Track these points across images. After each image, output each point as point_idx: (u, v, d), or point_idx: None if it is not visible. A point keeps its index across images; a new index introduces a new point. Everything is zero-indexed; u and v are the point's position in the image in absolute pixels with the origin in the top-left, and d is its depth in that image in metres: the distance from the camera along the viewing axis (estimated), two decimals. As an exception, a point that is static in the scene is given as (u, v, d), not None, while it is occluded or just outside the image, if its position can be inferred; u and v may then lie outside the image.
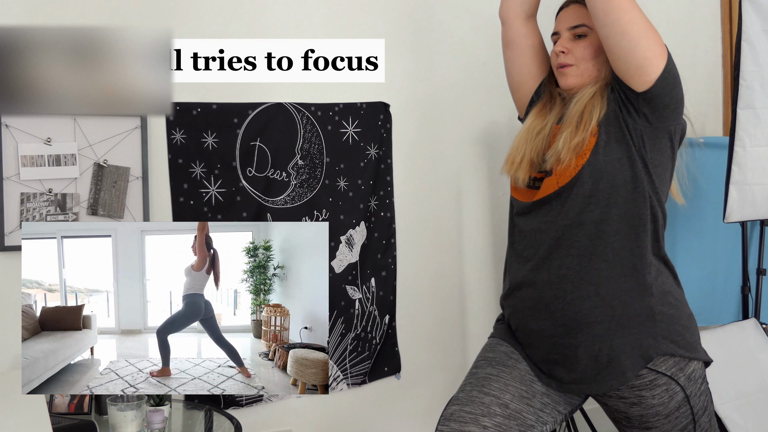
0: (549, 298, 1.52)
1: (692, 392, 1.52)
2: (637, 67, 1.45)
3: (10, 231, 1.89)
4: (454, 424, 1.48)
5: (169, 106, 1.24)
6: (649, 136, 1.49)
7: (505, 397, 1.51)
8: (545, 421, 1.54)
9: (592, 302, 1.48)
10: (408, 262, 2.44)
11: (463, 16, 2.48)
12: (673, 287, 1.54)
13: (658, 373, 1.48)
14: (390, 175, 2.38)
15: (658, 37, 1.47)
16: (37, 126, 1.90)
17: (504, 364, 1.58)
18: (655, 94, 1.46)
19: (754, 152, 2.30)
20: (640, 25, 1.44)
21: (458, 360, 2.54)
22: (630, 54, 1.45)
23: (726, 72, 2.93)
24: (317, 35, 2.24)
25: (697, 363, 1.54)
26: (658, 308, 1.48)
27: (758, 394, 2.28)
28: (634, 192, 1.48)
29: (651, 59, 1.45)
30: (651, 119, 1.48)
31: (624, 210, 1.48)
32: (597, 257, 1.48)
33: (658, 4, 2.81)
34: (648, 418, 1.52)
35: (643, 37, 1.44)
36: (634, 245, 1.49)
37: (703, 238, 2.63)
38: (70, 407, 1.84)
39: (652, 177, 1.50)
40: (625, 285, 1.48)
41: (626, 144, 1.48)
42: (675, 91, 1.49)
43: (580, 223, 1.49)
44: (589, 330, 1.49)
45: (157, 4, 2.04)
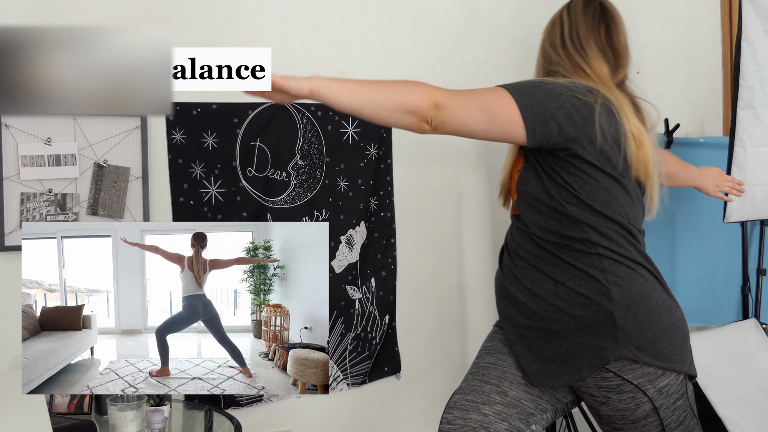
0: (515, 291, 1.61)
1: (663, 405, 1.52)
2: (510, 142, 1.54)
3: (10, 231, 1.89)
4: (457, 412, 1.56)
5: (169, 106, 1.24)
6: (556, 163, 1.53)
7: (503, 384, 1.58)
8: (545, 408, 1.60)
9: (551, 300, 1.53)
10: (408, 262, 2.44)
11: (463, 16, 2.48)
12: (648, 294, 1.52)
13: (624, 380, 1.50)
14: (390, 175, 2.38)
15: (506, 117, 1.47)
16: (37, 126, 1.90)
17: (501, 352, 1.66)
18: (540, 146, 1.52)
19: (754, 152, 2.31)
20: (481, 125, 1.47)
21: (458, 360, 2.54)
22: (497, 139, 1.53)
23: (726, 72, 2.93)
24: (317, 35, 2.24)
25: (675, 377, 1.52)
26: (620, 313, 1.48)
27: (758, 394, 2.28)
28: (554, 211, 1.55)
29: (512, 140, 1.51)
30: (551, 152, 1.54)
31: (552, 225, 1.55)
32: (549, 263, 1.55)
33: (659, 4, 2.81)
34: (615, 419, 1.56)
35: (492, 132, 1.48)
36: (582, 254, 1.52)
37: (703, 238, 2.63)
38: (70, 407, 1.84)
39: (575, 195, 1.52)
40: (580, 288, 1.51)
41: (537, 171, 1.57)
42: (551, 133, 1.50)
43: (532, 234, 1.58)
44: (549, 325, 1.54)
45: (157, 5, 2.04)
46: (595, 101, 1.49)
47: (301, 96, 1.32)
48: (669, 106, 2.77)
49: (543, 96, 1.47)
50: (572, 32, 1.64)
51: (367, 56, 2.33)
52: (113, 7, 1.99)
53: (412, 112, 1.40)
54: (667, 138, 2.53)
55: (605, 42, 1.63)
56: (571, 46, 1.63)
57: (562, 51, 1.64)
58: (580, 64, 1.60)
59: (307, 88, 1.31)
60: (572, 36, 1.63)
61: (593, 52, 1.61)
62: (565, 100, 1.47)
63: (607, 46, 1.63)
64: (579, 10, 1.66)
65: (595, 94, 1.51)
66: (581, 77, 1.58)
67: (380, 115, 1.40)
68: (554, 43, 1.66)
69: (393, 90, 1.40)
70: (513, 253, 1.64)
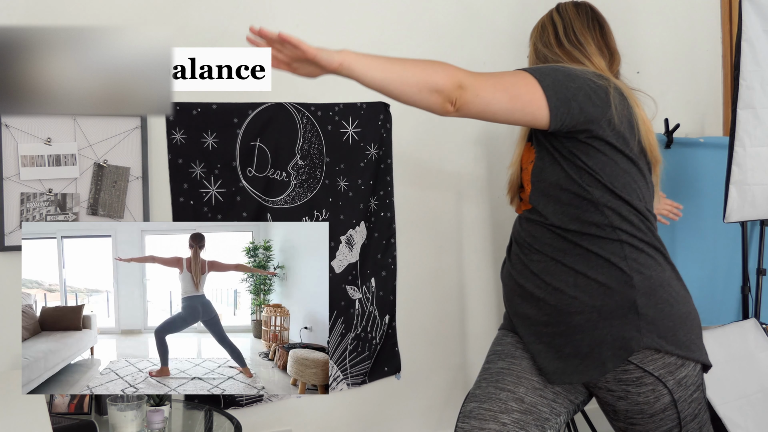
0: (532, 288, 1.58)
1: (681, 397, 1.52)
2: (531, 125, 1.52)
3: (10, 231, 1.89)
4: (474, 422, 1.53)
5: (169, 106, 1.24)
6: (575, 147, 1.52)
7: (519, 390, 1.55)
8: (559, 412, 1.58)
9: (572, 293, 1.51)
10: (408, 262, 2.44)
11: (463, 15, 2.48)
12: (667, 282, 1.53)
13: (645, 372, 1.49)
14: (390, 175, 2.38)
15: (530, 96, 1.46)
16: (37, 126, 1.90)
17: (513, 356, 1.62)
18: (560, 129, 1.51)
19: (754, 152, 2.30)
20: (504, 105, 1.46)
21: (458, 360, 2.54)
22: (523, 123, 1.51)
23: (726, 72, 2.93)
24: (317, 35, 2.24)
25: (693, 367, 1.52)
26: (642, 301, 1.48)
27: (758, 394, 2.28)
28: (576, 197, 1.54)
29: (534, 122, 1.49)
30: (571, 137, 1.53)
31: (573, 212, 1.54)
32: (570, 254, 1.53)
33: (659, 4, 2.81)
34: (632, 414, 1.54)
35: (515, 114, 1.47)
36: (604, 241, 1.51)
37: (703, 238, 2.63)
38: (70, 407, 1.84)
39: (596, 178, 1.52)
40: (602, 278, 1.50)
41: (556, 158, 1.56)
42: (573, 115, 1.49)
43: (550, 225, 1.56)
44: (570, 320, 1.52)
45: (157, 5, 2.04)
46: (608, 84, 1.51)
47: (330, 69, 1.32)
48: (669, 106, 2.77)
49: (563, 77, 1.48)
50: (567, 30, 1.64)
51: (367, 56, 2.33)
52: (113, 7, 1.99)
53: (438, 91, 1.40)
54: (667, 138, 2.53)
55: (601, 40, 1.65)
56: (568, 44, 1.63)
57: (559, 49, 1.64)
58: (580, 59, 1.61)
59: (337, 61, 1.31)
60: (568, 34, 1.64)
61: (592, 48, 1.62)
62: (583, 82, 1.48)
63: (603, 44, 1.65)
64: (571, 11, 1.67)
65: (607, 79, 1.53)
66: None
67: (406, 93, 1.40)
68: (548, 43, 1.66)
69: (420, 68, 1.40)
70: (527, 248, 1.61)
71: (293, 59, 1.33)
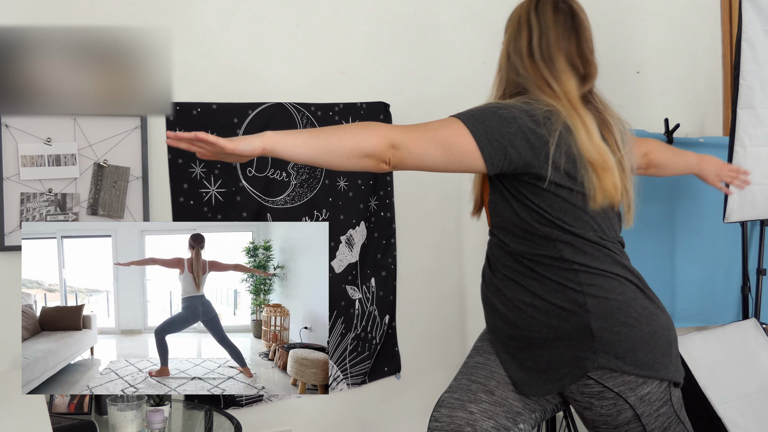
0: (496, 302, 1.63)
1: (645, 412, 1.52)
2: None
3: (10, 231, 1.89)
4: (444, 410, 1.58)
5: (169, 106, 1.24)
6: (522, 186, 1.52)
7: (490, 384, 1.60)
8: (533, 408, 1.61)
9: (530, 312, 1.54)
10: (408, 262, 2.44)
11: (463, 16, 2.48)
12: (627, 304, 1.51)
13: (605, 387, 1.51)
14: (390, 175, 2.38)
15: (463, 149, 1.45)
16: (37, 126, 1.90)
17: (489, 352, 1.67)
18: (502, 173, 1.51)
19: (754, 152, 2.31)
20: (439, 159, 1.46)
21: (458, 360, 2.54)
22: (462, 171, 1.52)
23: (726, 72, 2.93)
24: (317, 35, 2.24)
25: (657, 385, 1.51)
26: (597, 324, 1.48)
27: (758, 394, 2.28)
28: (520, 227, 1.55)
29: (473, 170, 1.51)
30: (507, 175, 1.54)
31: (526, 245, 1.55)
32: (527, 276, 1.56)
33: (659, 4, 2.81)
34: (598, 424, 1.57)
35: (452, 165, 1.48)
36: (557, 269, 1.52)
37: (703, 238, 2.63)
38: (70, 407, 1.84)
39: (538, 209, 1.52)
40: (557, 300, 1.51)
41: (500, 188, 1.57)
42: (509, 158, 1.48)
43: (508, 250, 1.58)
44: (530, 336, 1.56)
45: (157, 5, 2.04)
46: (554, 125, 1.47)
47: (254, 155, 1.33)
48: (669, 106, 2.78)
49: (498, 123, 1.45)
50: (541, 41, 1.56)
51: (367, 56, 2.33)
52: (113, 7, 1.99)
53: (369, 156, 1.40)
54: (667, 138, 2.53)
55: (575, 52, 1.57)
56: (539, 57, 1.56)
57: (529, 61, 1.57)
58: (547, 79, 1.54)
59: (259, 146, 1.32)
60: (541, 46, 1.56)
61: (562, 65, 1.54)
62: (522, 124, 1.45)
63: (577, 56, 1.57)
64: (549, 16, 1.57)
65: (556, 116, 1.48)
66: (545, 93, 1.53)
67: (338, 163, 1.40)
68: (520, 51, 1.58)
69: (348, 136, 1.40)
70: (493, 265, 1.65)
71: (216, 153, 1.34)
